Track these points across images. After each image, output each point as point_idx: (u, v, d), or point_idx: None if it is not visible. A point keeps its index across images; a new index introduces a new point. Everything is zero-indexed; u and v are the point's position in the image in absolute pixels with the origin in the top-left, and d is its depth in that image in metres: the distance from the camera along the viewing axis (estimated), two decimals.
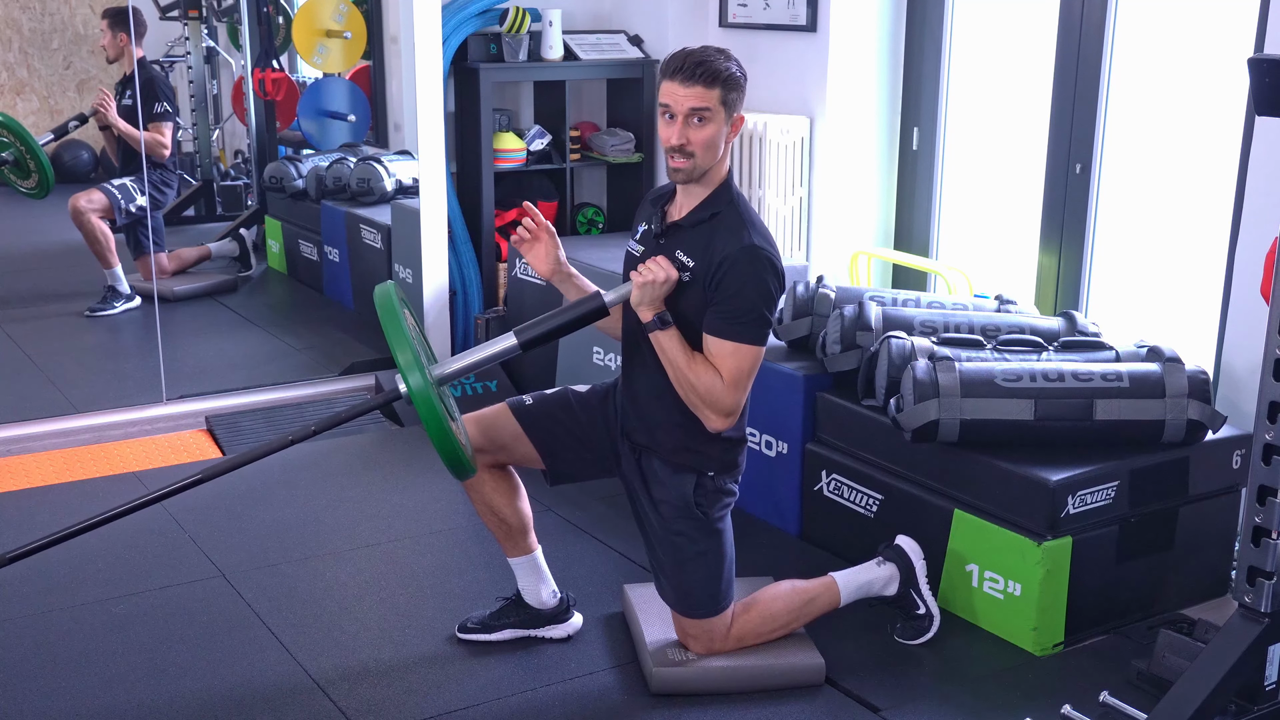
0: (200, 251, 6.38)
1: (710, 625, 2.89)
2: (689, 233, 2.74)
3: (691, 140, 2.64)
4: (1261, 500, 2.41)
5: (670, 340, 2.67)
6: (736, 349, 2.66)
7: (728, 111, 2.66)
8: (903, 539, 3.12)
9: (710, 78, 2.62)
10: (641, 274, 2.64)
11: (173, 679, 2.94)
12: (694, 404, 2.70)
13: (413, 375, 2.42)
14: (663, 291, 2.65)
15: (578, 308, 2.73)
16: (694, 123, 2.64)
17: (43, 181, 5.52)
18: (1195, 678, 2.46)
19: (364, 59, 6.90)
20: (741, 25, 4.85)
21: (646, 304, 2.66)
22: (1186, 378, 3.14)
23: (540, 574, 3.07)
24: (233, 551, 3.59)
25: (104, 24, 5.72)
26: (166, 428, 4.53)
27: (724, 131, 2.68)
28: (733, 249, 2.65)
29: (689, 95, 2.63)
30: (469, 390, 4.76)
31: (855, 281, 4.65)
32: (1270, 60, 2.30)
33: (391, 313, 2.51)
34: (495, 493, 2.96)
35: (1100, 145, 3.97)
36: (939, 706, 2.85)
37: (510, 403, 2.99)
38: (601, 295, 2.72)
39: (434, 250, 4.89)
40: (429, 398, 2.42)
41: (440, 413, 2.43)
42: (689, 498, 2.81)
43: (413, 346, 2.46)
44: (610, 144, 5.19)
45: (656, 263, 2.65)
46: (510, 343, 2.69)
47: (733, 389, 2.67)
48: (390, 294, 2.56)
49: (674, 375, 2.70)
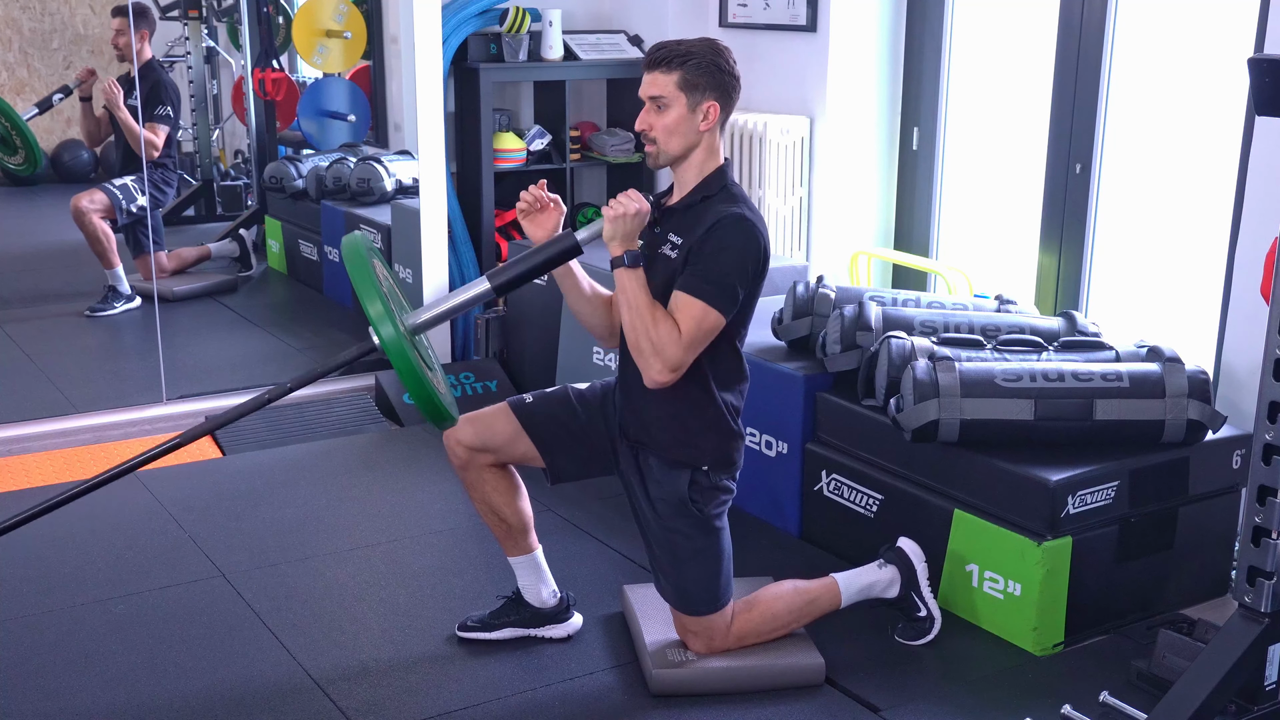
0: (200, 251, 6.38)
1: (710, 623, 2.89)
2: (681, 215, 2.75)
3: (653, 125, 2.69)
4: (1261, 500, 2.41)
5: (635, 280, 2.64)
6: (705, 309, 2.63)
7: (690, 97, 2.66)
8: (904, 541, 3.12)
9: (666, 62, 2.65)
10: (613, 207, 2.63)
11: (173, 679, 2.94)
12: (642, 350, 2.65)
13: (384, 326, 2.38)
14: (635, 225, 2.64)
15: (550, 247, 2.70)
16: (655, 109, 2.67)
17: (30, 157, 5.52)
18: (1195, 678, 2.46)
19: (364, 59, 6.90)
20: (741, 25, 4.85)
21: (618, 239, 2.64)
22: (1186, 378, 3.14)
23: (540, 573, 3.07)
24: (233, 551, 3.59)
25: (118, 21, 5.69)
26: (166, 428, 4.53)
27: (690, 118, 2.67)
28: (722, 214, 2.66)
29: (648, 82, 2.69)
30: (469, 390, 4.76)
31: (855, 281, 4.66)
32: (1270, 60, 2.30)
33: (360, 263, 2.46)
34: (495, 492, 2.96)
35: (1100, 145, 3.97)
36: (939, 706, 2.85)
37: (511, 402, 2.99)
38: (574, 234, 2.69)
39: (434, 250, 4.89)
40: (401, 348, 2.38)
41: (414, 362, 2.40)
42: (684, 494, 2.80)
43: (383, 297, 2.42)
44: (610, 144, 5.19)
45: (628, 195, 2.65)
46: (484, 286, 2.67)
47: (686, 346, 2.63)
48: (358, 244, 2.52)
49: (629, 317, 2.65)
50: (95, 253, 5.79)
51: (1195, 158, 3.82)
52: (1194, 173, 3.82)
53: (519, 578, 3.08)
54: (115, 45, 5.75)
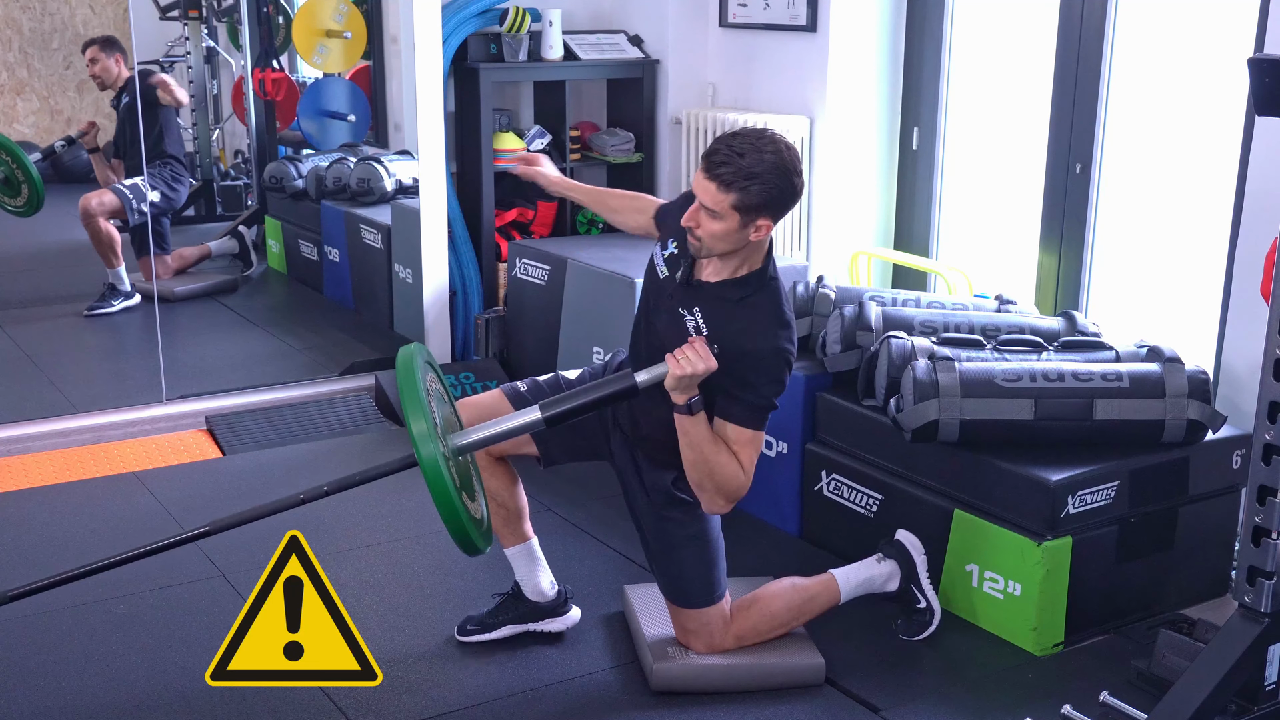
0: (200, 250, 6.38)
1: (708, 618, 2.89)
2: (713, 303, 2.69)
3: (701, 226, 2.60)
4: (1261, 500, 2.40)
5: (698, 426, 2.63)
6: (755, 436, 2.68)
7: (743, 218, 2.57)
8: (902, 533, 3.13)
9: (726, 183, 2.53)
10: (680, 364, 2.56)
11: (173, 679, 2.94)
12: (704, 488, 2.69)
13: (425, 446, 2.30)
14: (698, 380, 2.60)
15: (608, 386, 2.65)
16: (705, 214, 2.58)
17: (32, 199, 5.53)
18: (1195, 678, 2.46)
19: (364, 59, 6.89)
20: (741, 25, 4.85)
21: (681, 390, 2.60)
22: (1186, 378, 3.14)
23: (537, 562, 3.08)
24: (233, 551, 3.58)
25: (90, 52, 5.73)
26: (166, 428, 4.53)
27: (740, 232, 2.59)
28: (763, 348, 2.63)
29: (704, 189, 2.56)
30: (469, 390, 4.75)
31: (855, 281, 4.65)
32: (1270, 60, 2.30)
33: (409, 375, 2.40)
34: (493, 478, 2.98)
35: (1100, 145, 3.97)
36: (939, 706, 2.85)
37: (505, 389, 3.01)
38: (634, 376, 2.64)
39: (434, 250, 4.89)
40: (439, 471, 2.30)
41: (449, 487, 2.32)
42: (668, 487, 2.83)
43: (428, 415, 2.34)
44: (610, 144, 5.18)
45: (696, 353, 2.56)
46: (535, 416, 2.61)
47: (748, 476, 2.68)
48: (411, 356, 2.46)
49: (694, 457, 2.66)
50: (99, 254, 5.80)
51: (1195, 158, 3.82)
52: (1194, 173, 3.82)
53: (516, 570, 3.08)
54: (94, 76, 5.78)
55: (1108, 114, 3.95)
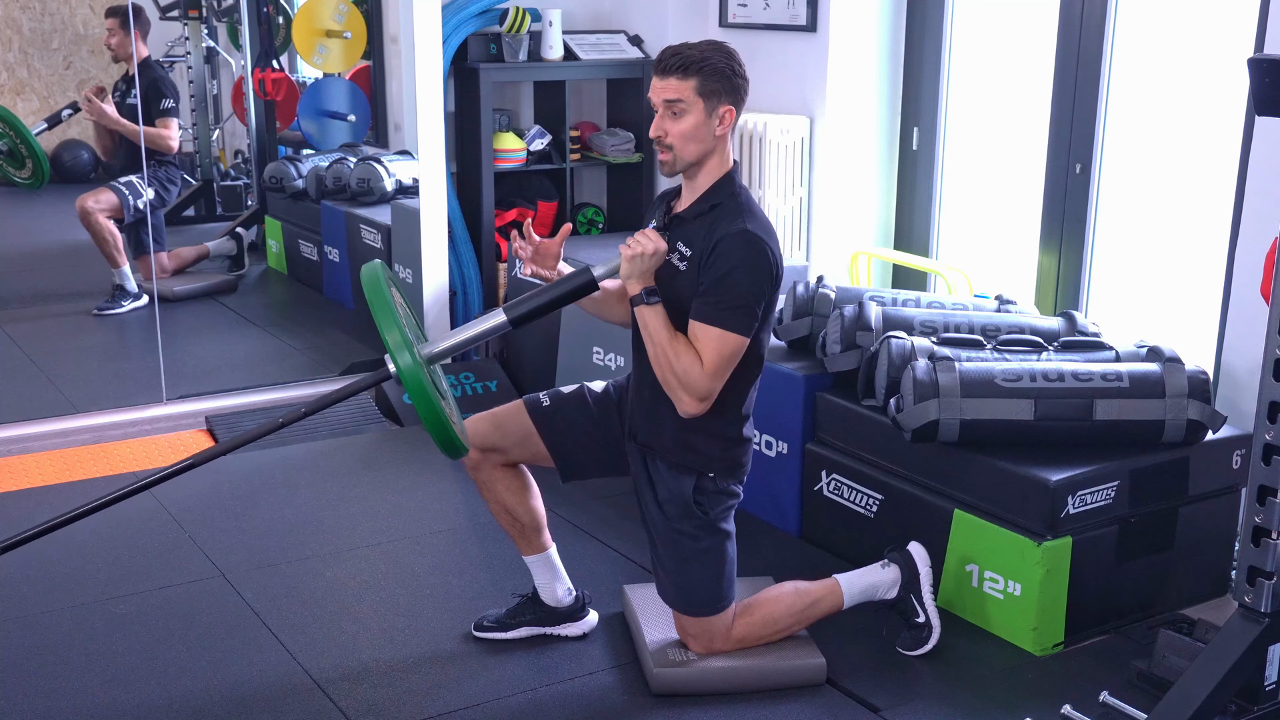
0: (199, 250, 6.39)
1: (710, 624, 2.89)
2: (690, 224, 2.74)
3: (669, 132, 2.65)
4: (1261, 500, 2.41)
5: (655, 316, 2.66)
6: (722, 335, 2.63)
7: (708, 102, 2.64)
8: (913, 545, 3.07)
9: (683, 68, 2.62)
10: (630, 246, 2.63)
11: (173, 679, 2.94)
12: (669, 384, 2.67)
13: (401, 355, 2.40)
14: (652, 264, 2.64)
15: (567, 282, 2.72)
16: (670, 115, 2.65)
17: (37, 171, 5.52)
18: (1195, 678, 2.46)
19: (364, 59, 6.89)
20: (741, 25, 4.85)
21: (635, 277, 2.65)
22: (1186, 378, 3.14)
23: (555, 572, 3.07)
24: (233, 551, 3.59)
25: (111, 22, 5.71)
26: (166, 428, 4.53)
27: (707, 123, 2.65)
28: (727, 232, 2.65)
29: (664, 87, 2.65)
30: (469, 390, 4.76)
31: (855, 281, 4.65)
32: (1270, 60, 2.30)
33: (379, 292, 2.48)
34: (508, 491, 2.97)
35: (1100, 145, 3.97)
36: (939, 706, 2.85)
37: (526, 400, 3.01)
38: (591, 270, 2.71)
39: (434, 250, 4.89)
40: (418, 377, 2.40)
41: (430, 392, 2.42)
42: (689, 497, 2.81)
43: (401, 326, 2.44)
44: (610, 144, 5.19)
45: (645, 235, 2.65)
46: (500, 319, 2.69)
47: (711, 375, 2.65)
48: (378, 273, 2.54)
49: (653, 353, 2.68)
50: (102, 253, 5.80)
51: (1195, 158, 3.82)
52: (1194, 173, 3.82)
53: (535, 576, 3.08)
54: (108, 45, 5.76)
55: (1107, 114, 3.95)
